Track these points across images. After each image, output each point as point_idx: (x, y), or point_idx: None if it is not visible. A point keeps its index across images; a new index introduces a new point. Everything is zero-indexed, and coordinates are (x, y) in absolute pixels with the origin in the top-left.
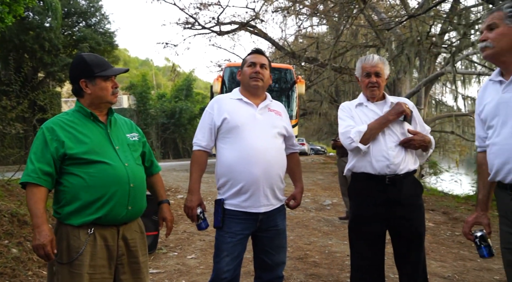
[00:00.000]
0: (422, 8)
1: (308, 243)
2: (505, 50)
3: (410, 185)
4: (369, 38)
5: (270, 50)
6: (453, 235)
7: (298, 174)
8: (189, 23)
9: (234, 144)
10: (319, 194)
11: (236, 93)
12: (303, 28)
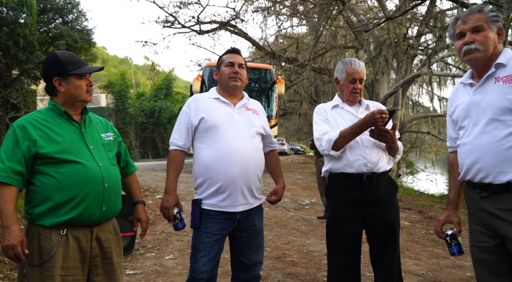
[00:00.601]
0: (399, 10)
1: (287, 243)
2: (489, 54)
3: (386, 184)
4: (348, 39)
5: (250, 50)
6: (427, 234)
7: (279, 171)
8: (169, 21)
9: (212, 144)
10: (298, 193)
11: (213, 93)
12: (283, 29)
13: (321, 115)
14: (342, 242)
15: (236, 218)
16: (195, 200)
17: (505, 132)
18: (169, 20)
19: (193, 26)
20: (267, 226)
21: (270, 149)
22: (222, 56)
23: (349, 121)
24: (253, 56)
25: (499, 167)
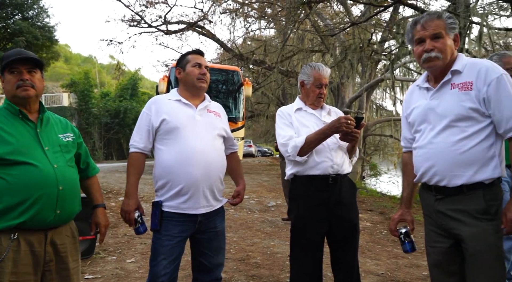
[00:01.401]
0: (364, 16)
1: (251, 244)
2: (447, 61)
3: (348, 185)
4: (315, 43)
5: (218, 51)
6: (388, 234)
7: (240, 172)
8: (135, 20)
9: (174, 146)
10: (264, 195)
11: (174, 94)
12: (251, 31)
13: (285, 119)
14: (307, 244)
15: (198, 220)
16: (155, 202)
17: (459, 137)
18: (135, 19)
19: (160, 26)
20: (232, 228)
21: (231, 151)
22: (187, 55)
23: (314, 124)
24: (221, 58)
25: (453, 171)
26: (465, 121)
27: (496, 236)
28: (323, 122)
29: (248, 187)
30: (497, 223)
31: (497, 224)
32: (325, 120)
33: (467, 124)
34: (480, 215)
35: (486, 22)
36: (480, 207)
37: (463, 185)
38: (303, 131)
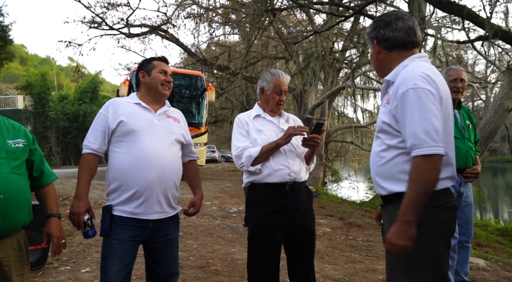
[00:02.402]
0: (326, 25)
1: (211, 251)
2: (377, 70)
3: (305, 192)
4: (279, 50)
5: (182, 56)
6: (347, 239)
7: (197, 181)
8: (96, 22)
9: (129, 148)
10: (226, 201)
11: (134, 98)
12: (215, 36)
13: (242, 128)
14: (264, 251)
15: (149, 227)
16: (106, 206)
17: (380, 149)
18: (96, 21)
19: (122, 29)
20: (193, 235)
21: (190, 158)
22: (153, 60)
23: (272, 132)
24: (185, 62)
25: (376, 181)
26: (384, 133)
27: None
28: (282, 130)
29: (211, 193)
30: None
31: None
32: (284, 127)
33: (386, 137)
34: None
35: (440, 35)
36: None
37: (391, 194)
38: (261, 138)
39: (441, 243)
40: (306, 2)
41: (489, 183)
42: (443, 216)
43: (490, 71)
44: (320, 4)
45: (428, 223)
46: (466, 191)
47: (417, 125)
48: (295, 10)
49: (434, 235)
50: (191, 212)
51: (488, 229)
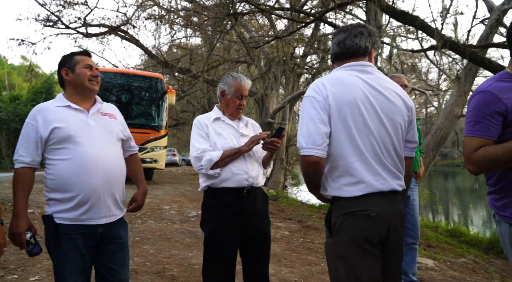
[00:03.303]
0: (288, 31)
1: (168, 256)
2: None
3: (262, 197)
4: (241, 54)
5: (142, 58)
6: (304, 242)
7: (140, 175)
8: (51, 21)
9: (68, 155)
10: (185, 205)
11: (61, 100)
12: (177, 38)
13: (201, 129)
14: (220, 255)
15: (98, 231)
16: (46, 216)
17: None
18: (51, 19)
19: (79, 28)
20: (150, 240)
21: (130, 153)
22: (74, 56)
23: (231, 135)
24: (145, 64)
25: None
26: None
27: (332, 253)
28: (240, 134)
29: (170, 197)
30: (332, 241)
31: (332, 242)
32: (243, 131)
33: None
34: (326, 230)
35: (395, 43)
36: (326, 221)
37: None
38: (221, 142)
39: (353, 251)
40: (268, 7)
41: (440, 187)
42: (354, 224)
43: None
44: (281, 9)
45: (338, 228)
46: (412, 194)
47: (300, 129)
48: (257, 15)
49: (344, 242)
50: (133, 208)
51: (439, 230)
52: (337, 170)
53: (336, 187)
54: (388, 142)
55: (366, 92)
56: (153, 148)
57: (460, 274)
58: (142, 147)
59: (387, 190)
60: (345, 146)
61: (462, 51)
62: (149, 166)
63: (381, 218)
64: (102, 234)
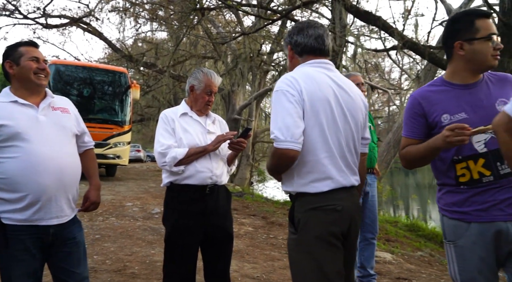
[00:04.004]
0: (255, 27)
1: (130, 254)
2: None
3: (225, 194)
4: (208, 50)
5: (106, 51)
6: (268, 238)
7: (93, 171)
8: (7, 10)
9: (16, 153)
10: (149, 202)
11: (7, 95)
12: (142, 32)
13: (167, 124)
14: (181, 253)
15: (50, 232)
16: None
17: None
18: (8, 8)
19: (38, 19)
20: (111, 237)
21: (85, 148)
22: (19, 47)
23: (198, 132)
24: (109, 58)
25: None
26: None
27: (296, 249)
28: (207, 131)
29: (133, 193)
30: (297, 237)
31: (297, 238)
32: (210, 128)
33: None
34: (289, 226)
35: (359, 43)
36: (290, 218)
37: (291, 194)
38: (187, 138)
39: (319, 246)
40: (234, 3)
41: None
42: (321, 219)
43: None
44: (248, 6)
45: (304, 224)
46: (372, 190)
47: (274, 121)
48: (224, 11)
49: (311, 237)
50: (86, 206)
51: (398, 225)
52: (306, 166)
53: (303, 183)
54: (350, 139)
55: (334, 89)
56: (116, 144)
57: (416, 267)
58: (105, 142)
59: (349, 185)
60: (316, 142)
61: (421, 51)
62: (112, 162)
63: (346, 212)
64: (55, 235)
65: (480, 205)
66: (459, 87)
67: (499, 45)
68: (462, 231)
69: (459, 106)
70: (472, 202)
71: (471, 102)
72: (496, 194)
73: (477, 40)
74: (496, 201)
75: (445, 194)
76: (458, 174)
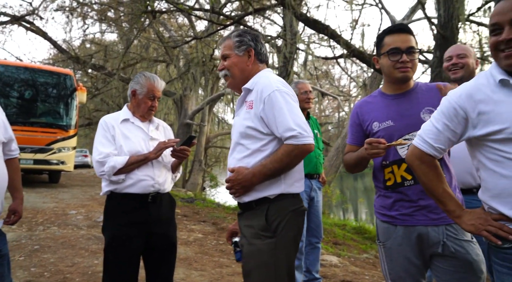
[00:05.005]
0: (207, 32)
1: (71, 265)
2: (238, 78)
3: (168, 202)
4: (160, 53)
5: (51, 52)
6: (217, 244)
7: (18, 183)
8: None
9: None
10: (95, 209)
11: None
12: (90, 33)
13: (107, 131)
14: (122, 263)
15: None
16: None
17: (242, 155)
18: None
19: None
20: (51, 248)
21: (8, 157)
22: None
23: (140, 139)
24: (54, 59)
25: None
26: (247, 139)
27: (270, 253)
28: (150, 137)
29: (78, 201)
30: (275, 241)
31: (275, 242)
32: (152, 135)
33: (249, 142)
34: (261, 231)
35: (310, 50)
36: (262, 222)
37: (250, 202)
38: (128, 146)
39: (294, 246)
40: (186, 7)
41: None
42: (297, 220)
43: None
44: (200, 10)
45: (284, 227)
46: (317, 196)
47: (289, 120)
48: (176, 14)
49: (289, 239)
50: (12, 221)
51: (346, 228)
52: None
53: (289, 183)
54: None
55: None
56: (61, 149)
57: (360, 269)
58: (48, 147)
59: None
60: None
61: (367, 60)
62: (55, 168)
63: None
64: None
65: (405, 210)
66: (390, 97)
67: (403, 58)
68: (390, 233)
69: (388, 114)
70: (398, 207)
71: (398, 111)
72: (419, 200)
73: (382, 55)
74: (420, 206)
75: (378, 197)
76: (385, 178)
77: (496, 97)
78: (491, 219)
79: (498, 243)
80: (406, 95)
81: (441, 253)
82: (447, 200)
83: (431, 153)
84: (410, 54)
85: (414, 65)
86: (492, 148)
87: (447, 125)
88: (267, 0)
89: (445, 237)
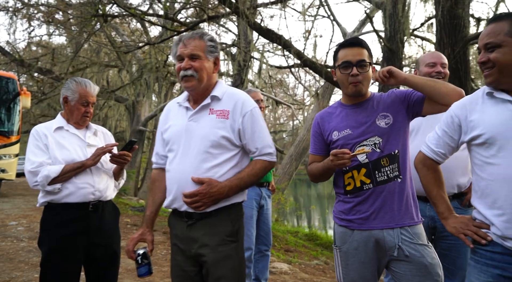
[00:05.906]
0: (161, 37)
1: (8, 280)
2: (204, 83)
3: (111, 210)
4: (111, 58)
5: None
6: (167, 254)
7: None
8: None
9: None
10: (37, 220)
11: None
12: (36, 35)
13: (39, 140)
14: (61, 275)
15: None
16: None
17: (211, 164)
18: None
19: None
20: None
21: None
22: None
23: (76, 146)
24: None
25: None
26: (217, 148)
27: (237, 257)
28: (87, 144)
29: (19, 211)
30: (237, 244)
31: (237, 246)
32: (90, 141)
33: (219, 152)
34: (228, 237)
35: (265, 59)
36: (228, 228)
37: (214, 209)
38: (63, 155)
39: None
40: (139, 12)
41: (304, 194)
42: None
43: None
44: (153, 16)
45: (241, 230)
46: (266, 203)
47: (268, 137)
48: (129, 19)
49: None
50: None
51: (298, 235)
52: None
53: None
54: None
55: None
56: (1, 156)
57: (309, 276)
58: None
59: None
60: None
61: (319, 70)
62: None
63: None
64: None
65: (362, 214)
66: (348, 107)
67: (353, 72)
68: (347, 238)
69: (346, 124)
70: (356, 211)
71: (356, 120)
72: (376, 203)
73: (336, 68)
74: (375, 211)
75: (337, 203)
76: (345, 183)
77: (483, 106)
78: (471, 225)
79: (471, 246)
80: (364, 105)
81: (397, 257)
82: (439, 202)
83: (432, 156)
84: (361, 67)
85: (365, 78)
86: (476, 152)
87: (445, 131)
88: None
89: (400, 241)
